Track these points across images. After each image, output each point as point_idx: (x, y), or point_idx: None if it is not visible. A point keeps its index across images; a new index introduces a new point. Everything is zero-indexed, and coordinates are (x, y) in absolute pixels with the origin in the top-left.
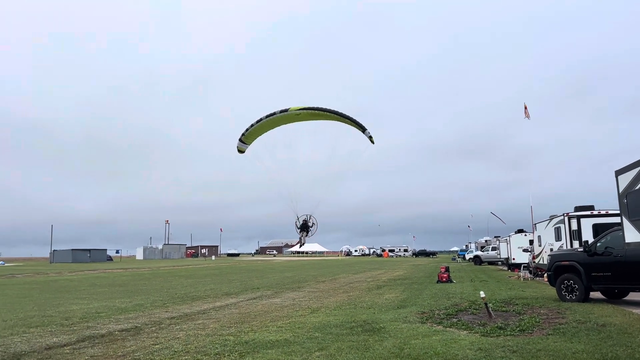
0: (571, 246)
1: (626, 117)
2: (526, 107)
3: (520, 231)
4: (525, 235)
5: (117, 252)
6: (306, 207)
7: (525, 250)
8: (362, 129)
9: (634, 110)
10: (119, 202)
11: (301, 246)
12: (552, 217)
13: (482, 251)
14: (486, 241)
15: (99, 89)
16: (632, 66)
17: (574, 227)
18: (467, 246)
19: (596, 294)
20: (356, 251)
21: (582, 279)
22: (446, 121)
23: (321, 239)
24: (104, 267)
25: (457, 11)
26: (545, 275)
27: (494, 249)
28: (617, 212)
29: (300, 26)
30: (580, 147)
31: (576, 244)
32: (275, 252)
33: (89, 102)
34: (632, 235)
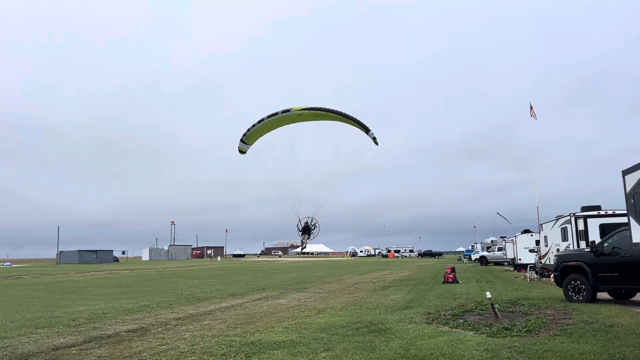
0: (578, 246)
1: (633, 116)
2: (532, 107)
3: (526, 231)
4: (531, 235)
5: (123, 253)
6: (308, 209)
7: (531, 250)
8: (366, 130)
9: None
10: (125, 203)
11: (303, 249)
12: (558, 218)
13: (488, 252)
14: (492, 241)
15: (104, 90)
16: (638, 65)
17: (581, 227)
18: (473, 247)
19: (603, 295)
20: (361, 252)
21: (589, 280)
22: (452, 121)
23: (326, 240)
24: (110, 268)
25: (460, 10)
26: (551, 275)
27: (500, 250)
28: (624, 212)
29: (303, 26)
30: (586, 147)
31: (583, 244)
32: (280, 252)
33: (94, 104)
34: None
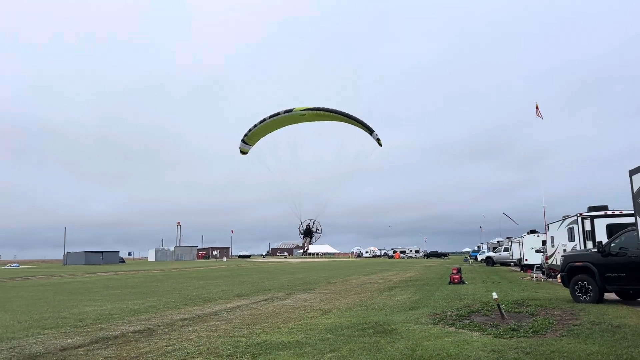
0: (585, 247)
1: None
2: (538, 107)
3: (532, 232)
4: (537, 235)
5: (129, 254)
6: (310, 211)
7: (537, 251)
8: (370, 131)
9: None
10: (131, 204)
11: (304, 252)
12: (565, 218)
13: (494, 252)
14: (498, 242)
15: (110, 91)
16: None
17: (588, 227)
18: (479, 247)
19: (610, 295)
20: (367, 252)
21: (596, 280)
22: (456, 121)
23: (332, 241)
24: (116, 269)
25: (466, 9)
26: (558, 276)
27: (506, 250)
28: (632, 212)
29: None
30: (593, 147)
31: (590, 245)
32: (286, 253)
33: (100, 105)
34: None
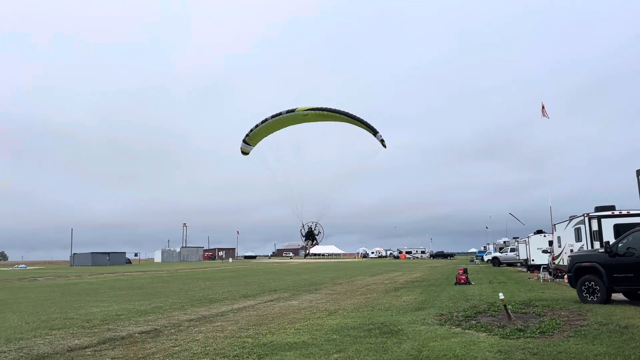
0: (592, 247)
1: None
2: (544, 107)
3: (539, 232)
4: (544, 236)
5: (135, 255)
6: (313, 213)
7: (544, 251)
8: (374, 132)
9: None
10: (137, 205)
11: (307, 255)
12: (572, 218)
13: (501, 252)
14: (505, 242)
15: (116, 92)
16: None
17: (595, 227)
18: (485, 247)
19: (618, 296)
20: (373, 253)
21: (604, 280)
22: (462, 121)
23: (337, 241)
24: (123, 270)
25: (471, 9)
26: (565, 276)
27: (512, 250)
28: (639, 212)
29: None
30: (600, 146)
31: (597, 245)
32: (291, 254)
33: (106, 106)
34: None
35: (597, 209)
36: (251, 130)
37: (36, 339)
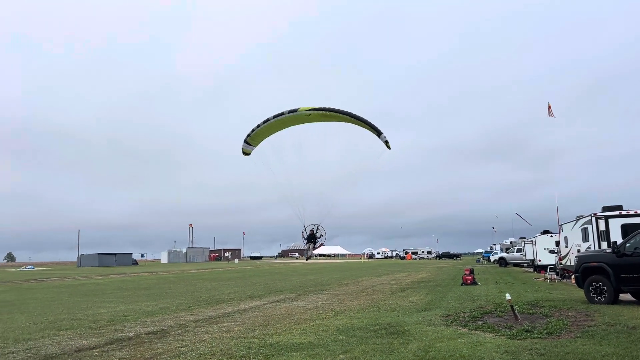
0: (599, 247)
1: None
2: (550, 107)
3: (546, 232)
4: (551, 236)
5: (142, 255)
6: (315, 215)
7: (551, 251)
8: (378, 133)
9: None
10: (144, 206)
11: (307, 259)
12: (579, 218)
13: (507, 253)
14: (511, 242)
15: (121, 94)
16: None
17: (602, 227)
18: (491, 248)
19: (626, 296)
20: (379, 254)
21: (611, 281)
22: (468, 121)
23: (343, 242)
24: (129, 271)
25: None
26: (572, 276)
27: (519, 251)
28: None
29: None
30: (607, 146)
31: (604, 245)
32: (297, 254)
33: (112, 108)
34: None
35: (605, 209)
36: (252, 130)
37: (44, 339)
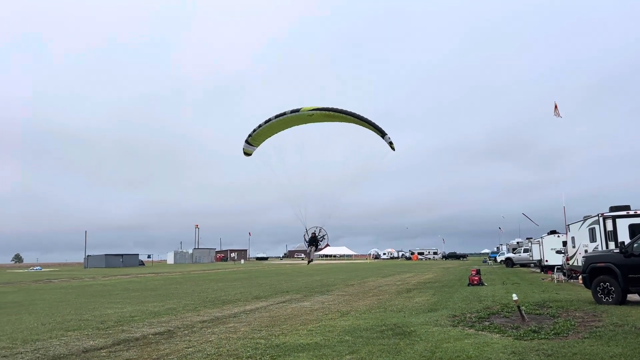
0: (607, 247)
1: None
2: (556, 106)
3: (552, 232)
4: (558, 236)
5: (148, 256)
6: (316, 217)
7: (558, 251)
8: (382, 134)
9: None
10: (150, 207)
11: (309, 262)
12: (586, 218)
13: (514, 253)
14: (518, 243)
15: (128, 96)
16: None
17: (610, 227)
18: (498, 248)
19: (633, 297)
20: (385, 254)
21: (619, 281)
22: (474, 121)
23: (349, 242)
24: (136, 272)
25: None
26: (579, 277)
27: (526, 251)
28: None
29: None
30: (614, 145)
31: (612, 245)
32: (303, 255)
33: (119, 110)
34: None
35: (612, 209)
36: (254, 130)
37: (52, 340)
